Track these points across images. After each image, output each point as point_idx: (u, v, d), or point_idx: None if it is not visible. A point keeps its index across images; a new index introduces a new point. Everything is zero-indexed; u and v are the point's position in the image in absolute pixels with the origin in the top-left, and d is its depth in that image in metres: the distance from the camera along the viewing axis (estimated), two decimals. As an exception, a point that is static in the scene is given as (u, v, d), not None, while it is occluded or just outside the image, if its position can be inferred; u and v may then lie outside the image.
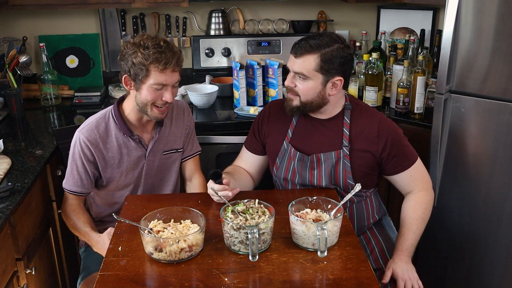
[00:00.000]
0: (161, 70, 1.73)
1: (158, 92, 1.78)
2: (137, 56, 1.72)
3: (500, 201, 2.16)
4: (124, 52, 1.77)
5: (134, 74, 1.76)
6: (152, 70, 1.73)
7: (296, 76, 1.81)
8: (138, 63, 1.73)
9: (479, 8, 2.05)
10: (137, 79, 1.77)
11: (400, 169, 1.88)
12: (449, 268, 2.41)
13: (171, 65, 1.75)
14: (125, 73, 1.79)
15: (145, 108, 1.82)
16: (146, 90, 1.78)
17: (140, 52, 1.72)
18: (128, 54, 1.75)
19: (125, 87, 1.83)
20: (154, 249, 1.47)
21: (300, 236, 1.52)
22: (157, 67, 1.73)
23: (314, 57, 1.76)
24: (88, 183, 1.92)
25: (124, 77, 1.80)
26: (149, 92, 1.78)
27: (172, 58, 1.75)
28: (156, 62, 1.72)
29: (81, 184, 1.91)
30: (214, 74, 2.99)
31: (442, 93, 2.18)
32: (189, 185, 2.13)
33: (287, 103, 1.88)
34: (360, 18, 3.17)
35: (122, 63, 1.79)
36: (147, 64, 1.72)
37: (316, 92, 1.81)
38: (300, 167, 1.91)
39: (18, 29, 2.94)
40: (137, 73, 1.75)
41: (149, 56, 1.71)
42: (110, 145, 1.89)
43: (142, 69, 1.73)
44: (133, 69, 1.75)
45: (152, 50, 1.72)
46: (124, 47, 1.78)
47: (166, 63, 1.73)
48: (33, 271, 1.86)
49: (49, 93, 2.75)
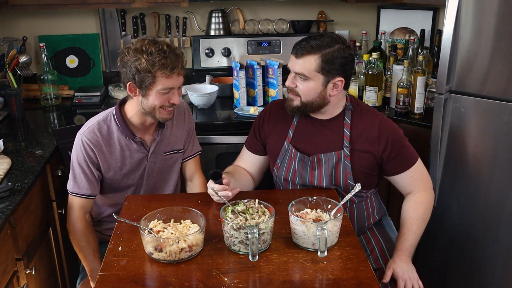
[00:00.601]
0: (167, 75, 1.72)
1: (165, 96, 1.77)
2: (141, 62, 1.69)
3: (500, 201, 2.16)
4: (125, 60, 1.73)
5: (140, 81, 1.73)
6: (159, 76, 1.71)
7: (297, 76, 1.81)
8: (143, 70, 1.70)
9: (479, 8, 2.05)
10: (143, 85, 1.74)
11: (400, 170, 1.88)
12: (449, 268, 2.41)
13: (177, 69, 1.73)
14: (129, 80, 1.75)
15: (153, 112, 1.80)
16: (154, 96, 1.76)
17: (144, 59, 1.69)
18: (130, 61, 1.72)
19: (130, 94, 1.80)
20: (154, 249, 1.47)
21: (300, 236, 1.52)
22: (164, 73, 1.71)
23: (315, 57, 1.76)
24: (96, 185, 1.89)
25: (129, 85, 1.77)
26: (156, 97, 1.76)
27: (177, 61, 1.73)
28: (163, 68, 1.70)
29: (89, 187, 1.86)
30: (214, 74, 2.99)
31: (442, 93, 2.18)
32: (189, 185, 2.13)
33: (288, 103, 1.88)
34: (360, 18, 3.17)
35: (124, 70, 1.75)
36: (154, 71, 1.70)
37: (317, 92, 1.81)
38: (300, 168, 1.91)
39: (18, 29, 2.94)
40: (143, 80, 1.72)
41: (155, 62, 1.69)
42: (113, 147, 1.88)
43: (148, 76, 1.71)
44: (138, 76, 1.72)
45: (157, 56, 1.69)
46: (124, 54, 1.74)
47: (173, 68, 1.71)
48: (33, 271, 1.86)
49: (49, 93, 2.75)
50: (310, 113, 1.89)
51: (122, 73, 1.78)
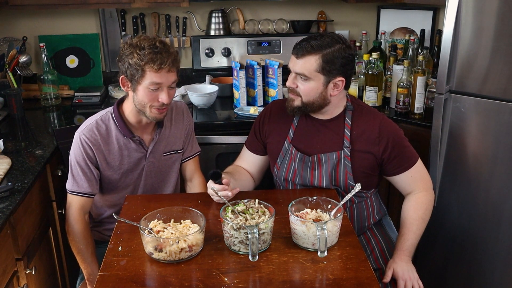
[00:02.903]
0: (156, 70, 1.72)
1: (154, 93, 1.77)
2: (133, 57, 1.72)
3: (500, 201, 2.16)
4: (121, 53, 1.78)
5: (131, 75, 1.76)
6: (147, 70, 1.73)
7: (298, 76, 1.81)
8: (134, 64, 1.73)
9: (479, 8, 2.05)
10: (133, 79, 1.76)
11: (400, 170, 1.88)
12: (449, 268, 2.41)
13: (166, 65, 1.74)
14: (122, 74, 1.79)
15: (144, 109, 1.81)
16: (142, 91, 1.77)
17: (136, 53, 1.72)
18: (125, 55, 1.75)
19: (123, 88, 1.83)
20: (154, 249, 1.47)
21: (300, 236, 1.52)
22: (152, 67, 1.72)
23: (315, 57, 1.76)
24: (95, 184, 1.88)
25: (121, 78, 1.80)
26: (145, 93, 1.77)
27: (167, 58, 1.74)
28: (151, 62, 1.72)
29: (88, 185, 1.86)
30: (214, 74, 2.99)
31: (442, 93, 2.18)
32: (189, 185, 2.13)
33: (288, 103, 1.88)
34: (360, 18, 3.17)
35: (119, 64, 1.79)
36: (142, 65, 1.72)
37: (318, 92, 1.81)
38: (300, 168, 1.91)
39: (18, 29, 2.94)
40: (133, 74, 1.75)
41: (144, 56, 1.71)
42: (111, 146, 1.88)
43: (138, 70, 1.73)
44: (130, 70, 1.75)
45: (148, 51, 1.71)
46: (122, 48, 1.79)
47: (161, 63, 1.72)
48: (33, 271, 1.86)
49: (49, 93, 2.75)
50: (310, 113, 1.89)
51: (119, 67, 1.81)
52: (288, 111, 1.90)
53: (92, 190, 1.87)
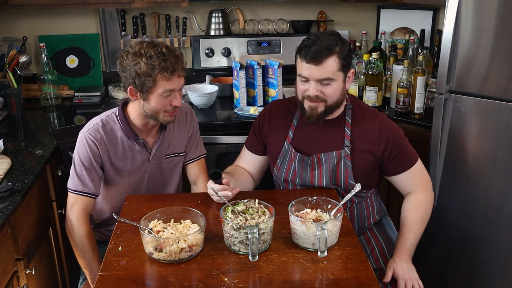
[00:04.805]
0: (168, 78, 1.70)
1: (167, 99, 1.76)
2: (141, 66, 1.68)
3: (500, 201, 2.16)
4: (124, 64, 1.72)
5: (140, 85, 1.71)
6: (159, 79, 1.70)
7: (318, 82, 1.78)
8: (143, 74, 1.69)
9: (479, 8, 2.05)
10: (144, 89, 1.73)
11: (400, 170, 1.88)
12: (449, 268, 2.41)
13: (178, 71, 1.72)
14: (129, 84, 1.74)
15: (156, 115, 1.79)
16: (155, 100, 1.75)
17: (143, 62, 1.68)
18: (130, 66, 1.70)
19: (131, 98, 1.79)
20: (154, 249, 1.47)
21: (300, 236, 1.52)
22: (164, 76, 1.70)
23: (333, 58, 1.75)
24: (98, 184, 1.86)
25: (130, 89, 1.76)
26: (158, 101, 1.75)
27: (177, 63, 1.71)
28: (163, 71, 1.69)
29: (93, 185, 1.84)
30: (214, 74, 2.99)
31: (442, 93, 2.18)
32: (194, 188, 2.10)
33: (311, 112, 1.82)
34: (360, 18, 3.17)
35: (124, 75, 1.74)
36: (154, 75, 1.69)
37: (340, 90, 1.81)
38: (300, 169, 1.91)
39: (18, 29, 2.94)
40: (144, 84, 1.71)
41: (154, 66, 1.68)
42: (116, 147, 1.87)
43: (149, 80, 1.69)
44: (139, 80, 1.70)
45: (157, 60, 1.68)
46: (123, 58, 1.73)
47: (173, 70, 1.70)
48: (33, 271, 1.86)
49: (49, 93, 2.75)
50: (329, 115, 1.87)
51: (122, 77, 1.77)
52: (312, 120, 1.84)
53: (96, 190, 1.86)
